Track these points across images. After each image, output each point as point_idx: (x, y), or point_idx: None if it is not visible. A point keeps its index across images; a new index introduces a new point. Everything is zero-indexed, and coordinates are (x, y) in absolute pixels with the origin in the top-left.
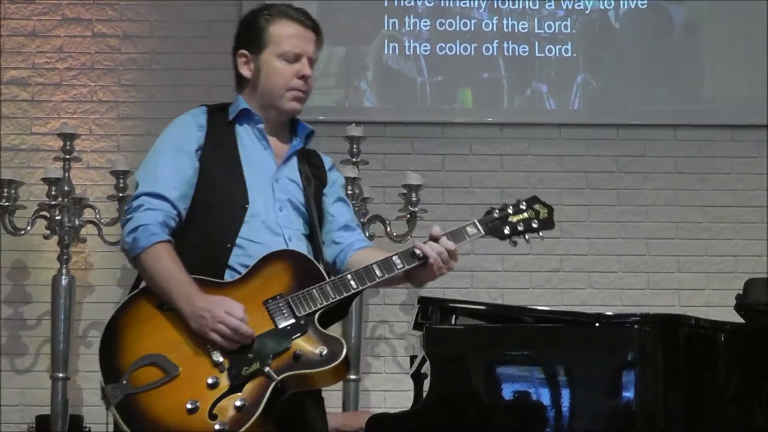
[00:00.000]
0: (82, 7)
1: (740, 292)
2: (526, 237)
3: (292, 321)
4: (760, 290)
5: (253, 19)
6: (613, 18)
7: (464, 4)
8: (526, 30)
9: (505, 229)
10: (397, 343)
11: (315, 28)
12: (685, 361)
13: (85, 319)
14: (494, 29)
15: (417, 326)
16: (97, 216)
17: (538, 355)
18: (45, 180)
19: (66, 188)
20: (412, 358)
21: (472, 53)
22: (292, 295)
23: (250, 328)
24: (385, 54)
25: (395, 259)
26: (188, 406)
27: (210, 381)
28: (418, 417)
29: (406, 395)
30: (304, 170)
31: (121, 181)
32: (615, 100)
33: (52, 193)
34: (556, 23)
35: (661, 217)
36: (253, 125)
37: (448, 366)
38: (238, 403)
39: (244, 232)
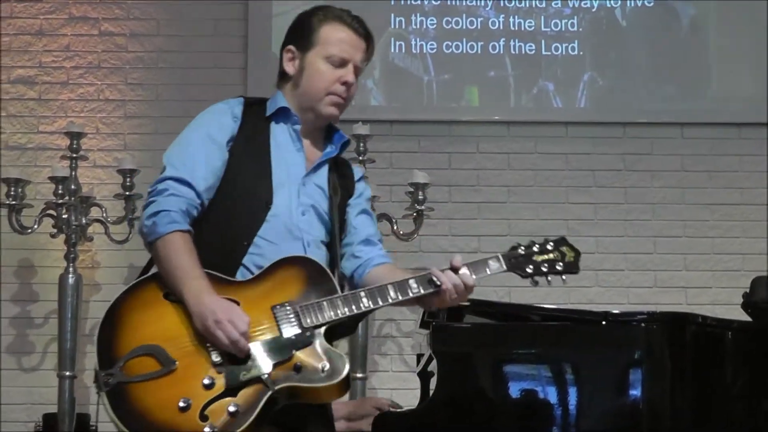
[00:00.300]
0: (88, 6)
1: (747, 291)
2: (549, 279)
3: (298, 331)
4: (767, 288)
5: (307, 18)
6: (619, 16)
7: (470, 2)
8: (533, 28)
9: (527, 268)
10: (404, 342)
11: (367, 36)
12: (692, 360)
13: (92, 318)
14: (501, 27)
15: (424, 324)
16: (104, 214)
17: (545, 354)
18: (52, 179)
19: (73, 187)
20: (419, 356)
21: (479, 51)
22: (301, 305)
23: (248, 345)
24: (392, 52)
25: (411, 283)
26: (180, 404)
27: (206, 381)
28: (425, 415)
29: (413, 393)
30: (333, 179)
31: (128, 179)
32: (622, 98)
33: (59, 192)
34: (563, 21)
35: (668, 216)
36: (289, 125)
37: (455, 364)
38: (232, 408)
39: (263, 232)
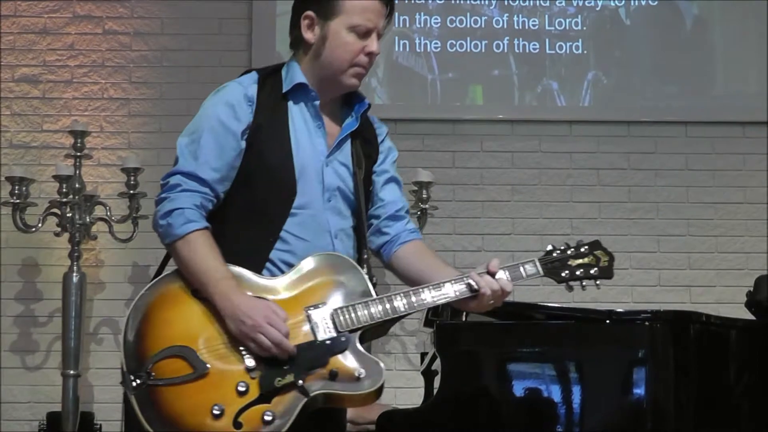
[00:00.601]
0: (93, 5)
1: (751, 289)
2: (583, 284)
3: (333, 335)
4: None
5: None
6: (623, 15)
7: (475, 1)
8: (537, 27)
9: (563, 273)
10: (408, 340)
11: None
12: (696, 358)
13: (96, 316)
14: (505, 26)
15: (428, 323)
16: (108, 213)
17: (549, 352)
18: (56, 177)
19: (77, 185)
20: (423, 355)
21: (483, 50)
22: (336, 307)
23: (292, 346)
24: (396, 51)
25: (448, 286)
26: (214, 411)
27: (240, 387)
28: (429, 413)
29: (417, 392)
30: (356, 151)
31: (132, 178)
32: (626, 97)
33: (63, 191)
34: (567, 20)
35: (672, 214)
36: (308, 102)
37: (459, 363)
38: (268, 417)
39: (289, 226)
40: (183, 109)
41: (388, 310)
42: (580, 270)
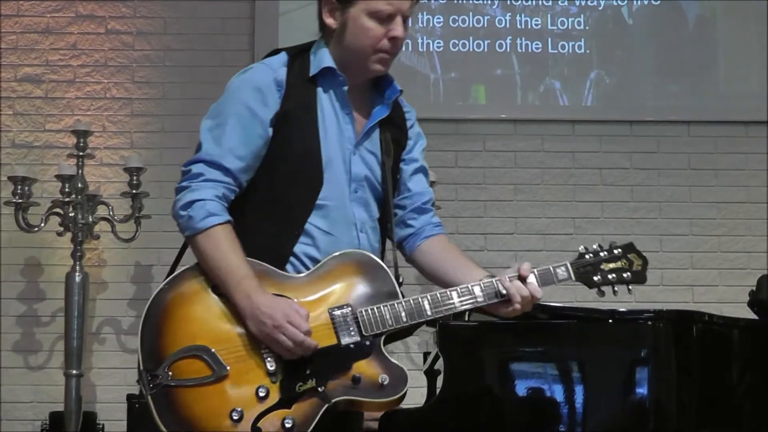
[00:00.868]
0: (95, 4)
1: (753, 289)
2: (615, 288)
3: (357, 339)
4: None
5: None
6: (626, 14)
7: (477, 1)
8: (539, 26)
9: (595, 277)
10: (411, 340)
11: None
12: (699, 358)
13: (98, 316)
14: (507, 26)
15: (430, 322)
16: (111, 213)
17: (552, 352)
18: (58, 177)
19: (79, 185)
20: (426, 354)
21: (486, 50)
22: (361, 310)
23: (314, 343)
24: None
25: (476, 291)
26: (233, 415)
27: (260, 391)
28: (432, 413)
29: (420, 392)
30: (385, 138)
31: (135, 177)
32: (628, 97)
33: (66, 190)
34: (570, 20)
35: (674, 214)
36: (336, 87)
37: (462, 362)
38: (288, 423)
39: (314, 219)
40: (186, 108)
41: (415, 315)
42: (613, 274)
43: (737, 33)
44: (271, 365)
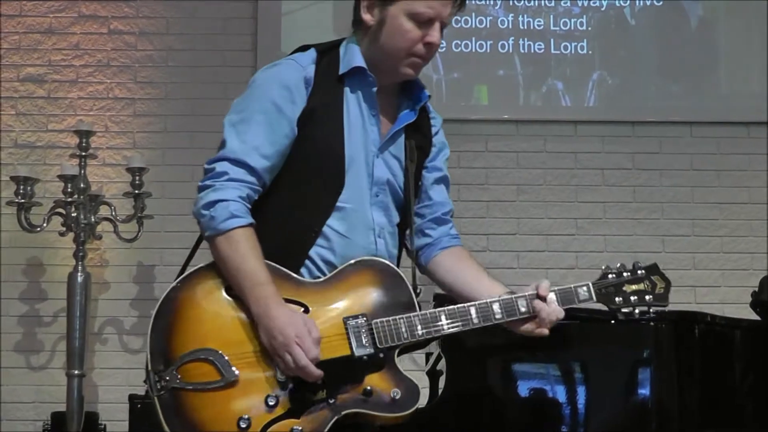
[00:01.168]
0: (98, 4)
1: (756, 290)
2: (636, 311)
3: (371, 351)
4: None
5: None
6: (628, 15)
7: (480, 1)
8: (542, 27)
9: (616, 299)
10: None
11: None
12: (701, 358)
13: (100, 316)
14: (510, 26)
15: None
16: (113, 213)
17: (554, 352)
18: (61, 177)
19: (82, 185)
20: (428, 355)
21: (488, 50)
22: (376, 321)
23: (316, 372)
24: None
25: (495, 308)
26: (240, 423)
27: (269, 400)
28: (434, 413)
29: (422, 392)
30: (410, 144)
31: (137, 177)
32: (631, 97)
33: (68, 190)
34: (572, 20)
35: (676, 214)
36: (365, 87)
37: (464, 363)
38: None
39: (333, 221)
40: (188, 108)
41: (432, 330)
42: (635, 296)
43: (739, 34)
44: (282, 375)
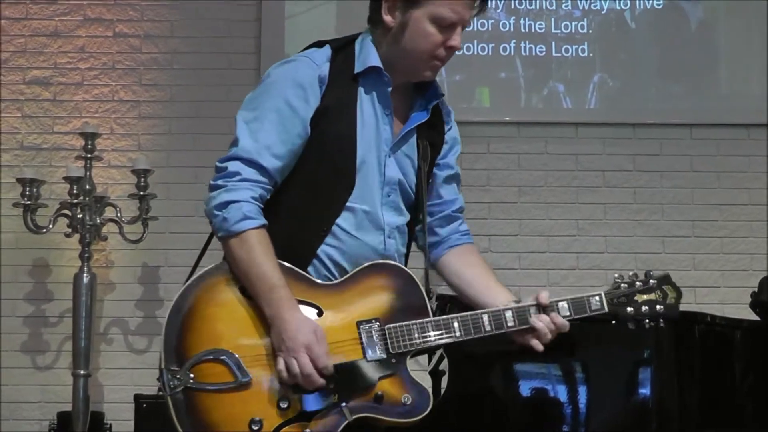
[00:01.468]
0: (103, 8)
1: (755, 290)
2: (647, 321)
3: (383, 356)
4: None
5: None
6: (629, 18)
7: None
8: (543, 30)
9: (628, 308)
10: None
11: None
12: (701, 358)
13: (106, 317)
14: (511, 29)
15: None
16: (118, 214)
17: (554, 353)
18: (66, 179)
19: (87, 187)
20: (430, 354)
21: (490, 53)
22: (389, 326)
23: (320, 381)
24: None
25: (508, 316)
26: (253, 425)
27: (281, 402)
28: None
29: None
30: (423, 143)
31: (142, 179)
32: (631, 99)
33: (74, 192)
34: (573, 23)
35: (677, 215)
36: (380, 87)
37: (466, 363)
38: None
39: (342, 221)
40: (192, 111)
41: (444, 336)
42: (646, 307)
43: (739, 36)
44: (290, 378)
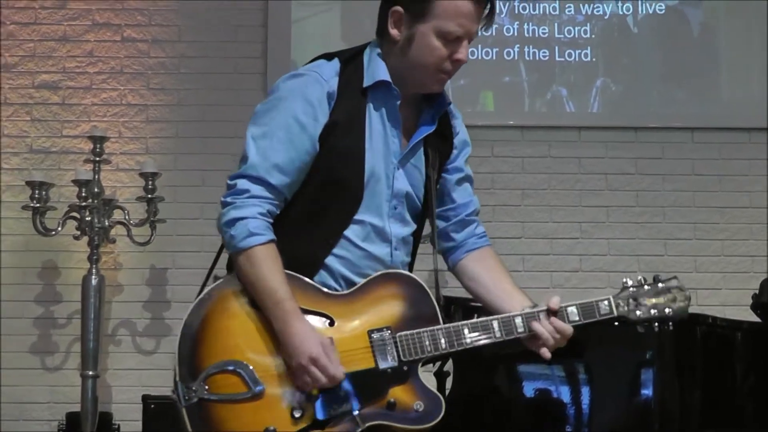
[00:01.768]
0: (111, 13)
1: (756, 292)
2: (656, 325)
3: (395, 364)
4: None
5: None
6: (631, 23)
7: None
8: (547, 35)
9: (637, 311)
10: None
11: (489, 0)
12: (703, 360)
13: (114, 318)
14: (515, 34)
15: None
16: (126, 217)
17: (557, 354)
18: (75, 182)
19: (96, 190)
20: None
21: (494, 58)
22: (401, 334)
23: (333, 390)
24: None
25: (518, 321)
26: None
27: (295, 412)
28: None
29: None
30: (431, 153)
31: (150, 182)
32: (634, 103)
33: (83, 195)
34: (576, 28)
35: (678, 218)
36: (389, 101)
37: (470, 364)
38: None
39: (350, 232)
40: (199, 114)
41: (455, 344)
42: (654, 310)
43: (740, 41)
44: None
